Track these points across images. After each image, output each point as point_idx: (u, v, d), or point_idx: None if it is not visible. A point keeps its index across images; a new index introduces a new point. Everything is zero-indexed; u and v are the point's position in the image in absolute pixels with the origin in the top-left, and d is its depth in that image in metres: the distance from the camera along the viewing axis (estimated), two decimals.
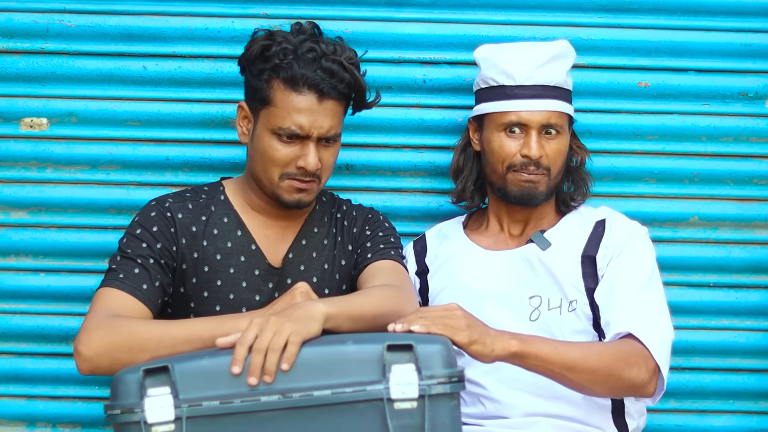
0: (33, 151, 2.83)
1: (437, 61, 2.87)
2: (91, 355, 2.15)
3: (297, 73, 2.31)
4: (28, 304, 2.83)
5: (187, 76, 2.84)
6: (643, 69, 2.88)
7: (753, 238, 2.90)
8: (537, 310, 2.52)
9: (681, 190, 2.89)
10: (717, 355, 2.88)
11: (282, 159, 2.35)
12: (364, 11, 2.87)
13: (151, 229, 2.37)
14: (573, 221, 2.62)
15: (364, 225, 2.53)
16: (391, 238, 2.52)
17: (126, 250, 2.35)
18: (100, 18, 2.83)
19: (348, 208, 2.57)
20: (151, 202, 2.44)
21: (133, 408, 1.97)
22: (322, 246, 2.50)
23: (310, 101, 2.32)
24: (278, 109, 2.33)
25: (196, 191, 2.49)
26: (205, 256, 2.41)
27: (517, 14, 2.87)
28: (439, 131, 2.86)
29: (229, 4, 2.84)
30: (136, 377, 1.98)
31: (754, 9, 2.89)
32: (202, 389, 1.98)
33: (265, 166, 2.37)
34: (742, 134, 2.90)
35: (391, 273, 2.43)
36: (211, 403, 1.97)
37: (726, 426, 2.89)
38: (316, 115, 2.33)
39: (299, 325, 2.03)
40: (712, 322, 2.89)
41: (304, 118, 2.32)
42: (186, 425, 1.96)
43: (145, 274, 2.32)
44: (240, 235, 2.44)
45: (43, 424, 2.84)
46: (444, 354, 2.03)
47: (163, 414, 1.96)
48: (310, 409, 1.99)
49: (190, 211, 2.43)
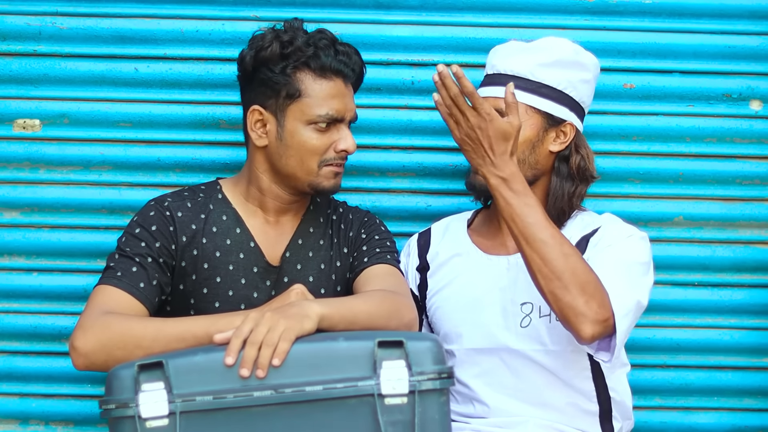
0: (26, 152, 2.83)
1: (425, 63, 2.87)
2: (86, 351, 2.17)
3: (324, 61, 2.37)
4: (21, 303, 2.84)
5: (178, 78, 2.84)
6: (629, 71, 2.89)
7: (737, 238, 2.90)
8: (528, 316, 2.52)
9: (666, 190, 2.90)
10: (701, 352, 2.89)
11: (321, 147, 2.39)
12: (353, 14, 2.87)
13: (150, 228, 2.38)
14: (574, 229, 2.58)
15: (360, 228, 2.54)
16: (387, 242, 2.54)
17: (124, 248, 2.36)
18: (92, 21, 2.83)
19: (344, 210, 2.59)
20: (150, 202, 2.45)
21: (127, 403, 1.99)
22: (318, 246, 2.52)
23: (340, 86, 2.40)
24: (312, 99, 2.38)
25: (193, 190, 2.51)
26: (205, 254, 2.43)
27: (503, 17, 2.87)
28: (427, 132, 2.87)
29: (219, 6, 2.85)
30: (130, 373, 2.00)
31: (737, 11, 2.89)
32: (195, 384, 2.00)
33: (303, 159, 2.40)
34: (726, 135, 2.90)
35: (387, 277, 2.45)
36: (204, 398, 1.99)
37: (710, 423, 2.90)
38: (346, 98, 2.41)
39: (293, 322, 2.06)
40: (697, 320, 2.89)
41: (339, 103, 2.39)
42: (180, 420, 1.98)
43: (142, 272, 2.34)
44: (239, 232, 2.46)
45: (36, 422, 2.84)
46: (434, 351, 2.05)
47: (157, 408, 1.98)
48: (302, 405, 2.01)
49: (189, 209, 2.44)
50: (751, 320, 2.90)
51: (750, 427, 2.91)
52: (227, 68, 2.83)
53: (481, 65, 2.66)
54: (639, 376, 2.82)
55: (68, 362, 2.21)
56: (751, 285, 2.90)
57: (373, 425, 2.00)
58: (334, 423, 2.01)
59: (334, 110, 2.38)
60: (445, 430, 2.04)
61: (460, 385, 2.57)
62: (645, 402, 2.88)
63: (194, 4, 2.84)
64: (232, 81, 2.71)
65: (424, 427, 2.00)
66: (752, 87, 2.90)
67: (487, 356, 2.54)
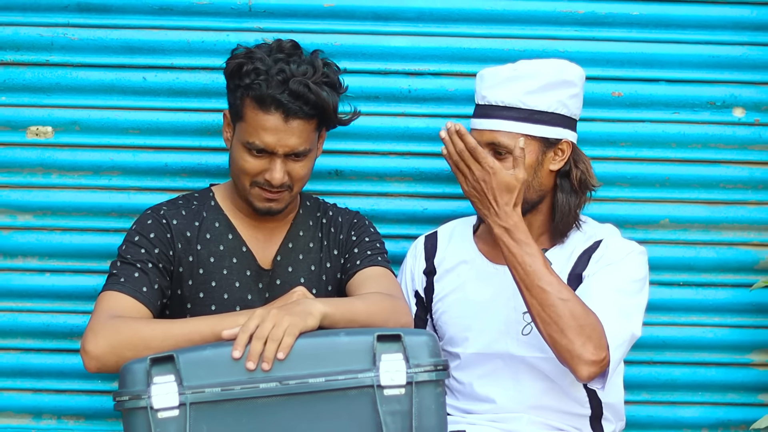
0: (39, 158, 2.87)
1: (422, 72, 2.89)
2: (98, 354, 2.19)
3: (265, 93, 2.32)
4: (34, 302, 2.87)
5: (184, 87, 2.87)
6: (617, 79, 2.91)
7: (720, 239, 2.93)
8: (529, 325, 2.54)
9: (652, 194, 2.92)
10: (686, 349, 2.92)
11: (251, 170, 2.38)
12: (352, 25, 2.88)
13: (149, 236, 2.41)
14: (576, 241, 2.59)
15: (350, 230, 2.56)
16: (377, 244, 2.56)
17: (126, 255, 2.38)
18: (102, 32, 2.85)
19: (334, 213, 2.60)
20: (147, 211, 2.47)
21: (140, 395, 2.03)
22: (308, 249, 2.54)
23: (276, 121, 2.34)
24: (248, 125, 2.36)
25: (187, 198, 2.52)
26: (200, 260, 2.45)
27: (497, 28, 2.89)
28: (424, 139, 2.89)
29: (224, 18, 2.86)
30: (143, 366, 2.04)
31: (721, 22, 2.92)
32: (204, 377, 2.04)
33: (237, 174, 2.41)
34: (710, 141, 2.92)
35: (381, 279, 2.47)
36: (213, 390, 2.04)
37: (695, 417, 2.93)
38: (281, 134, 2.34)
39: (297, 319, 2.11)
40: (682, 318, 2.92)
41: (270, 137, 2.34)
42: (189, 410, 2.03)
43: (144, 277, 2.36)
44: (231, 238, 2.48)
45: (48, 417, 2.88)
46: (430, 345, 2.10)
47: (169, 400, 2.03)
48: (305, 396, 2.05)
49: (184, 217, 2.47)
50: (733, 318, 2.93)
51: (733, 420, 2.93)
52: None
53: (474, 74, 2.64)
54: (627, 372, 2.79)
55: (79, 359, 2.21)
56: (733, 285, 2.93)
57: (373, 415, 2.06)
58: (336, 413, 2.06)
59: (263, 143, 2.34)
60: (440, 419, 2.09)
61: (463, 385, 2.62)
62: (633, 397, 2.90)
63: (200, 16, 2.86)
64: None
65: (421, 416, 2.06)
66: (735, 95, 2.93)
67: (489, 360, 2.58)
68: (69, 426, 2.89)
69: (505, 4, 2.91)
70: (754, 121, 2.94)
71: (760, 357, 2.94)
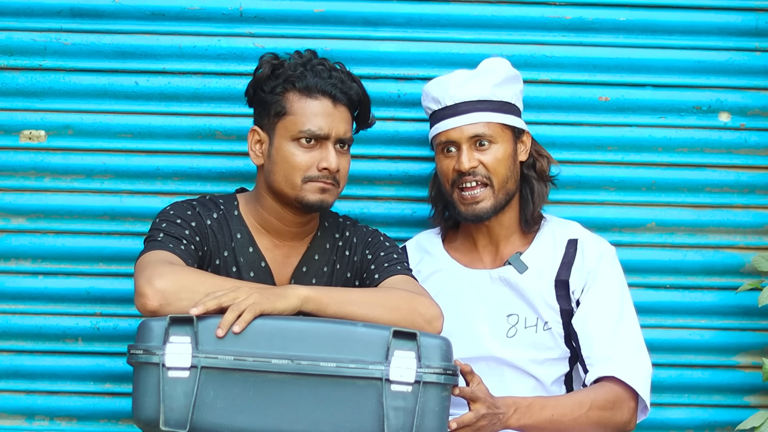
0: (32, 162, 2.89)
1: (411, 77, 2.93)
2: (165, 289, 2.15)
3: (311, 82, 2.38)
4: (27, 305, 2.88)
5: (176, 91, 2.90)
6: (604, 84, 2.94)
7: (707, 243, 2.96)
8: (514, 327, 2.58)
9: (639, 197, 2.95)
10: (673, 352, 2.94)
11: (303, 164, 2.38)
12: (342, 30, 2.92)
13: (190, 224, 2.39)
14: (546, 242, 2.64)
15: (364, 250, 2.54)
16: (393, 255, 2.52)
17: (168, 230, 2.34)
18: (94, 37, 2.88)
19: (350, 233, 2.57)
20: (183, 203, 2.44)
21: (154, 351, 2.06)
22: (321, 273, 2.52)
23: (325, 106, 2.39)
24: (297, 117, 2.38)
25: (214, 203, 2.49)
26: (225, 265, 2.44)
27: (485, 33, 2.93)
28: (413, 143, 2.93)
29: (215, 23, 2.89)
30: (162, 324, 2.07)
31: (707, 28, 2.95)
32: (219, 344, 2.07)
33: (287, 174, 2.40)
34: (696, 145, 2.96)
35: (402, 284, 2.43)
36: (226, 358, 2.07)
37: (682, 418, 2.95)
38: (332, 118, 2.39)
39: (263, 299, 2.12)
40: (669, 321, 2.94)
41: (322, 120, 2.38)
42: (200, 374, 2.06)
43: (187, 251, 2.33)
44: (252, 251, 2.47)
45: (41, 418, 2.88)
46: (443, 349, 2.13)
47: (182, 360, 2.06)
48: (314, 378, 2.08)
49: (216, 220, 2.45)
50: (720, 321, 2.96)
51: (719, 422, 2.95)
52: (223, 82, 2.89)
53: None
54: None
55: (72, 360, 2.21)
56: (720, 287, 2.96)
57: (377, 407, 2.09)
58: (342, 399, 2.09)
59: (317, 127, 2.37)
60: (442, 423, 2.11)
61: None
62: None
63: (192, 22, 2.89)
64: (228, 94, 2.79)
65: (423, 416, 2.08)
66: (721, 100, 2.96)
67: (475, 364, 2.53)
68: (61, 427, 2.89)
69: (493, 9, 2.94)
70: (740, 126, 2.97)
71: (746, 359, 2.96)
